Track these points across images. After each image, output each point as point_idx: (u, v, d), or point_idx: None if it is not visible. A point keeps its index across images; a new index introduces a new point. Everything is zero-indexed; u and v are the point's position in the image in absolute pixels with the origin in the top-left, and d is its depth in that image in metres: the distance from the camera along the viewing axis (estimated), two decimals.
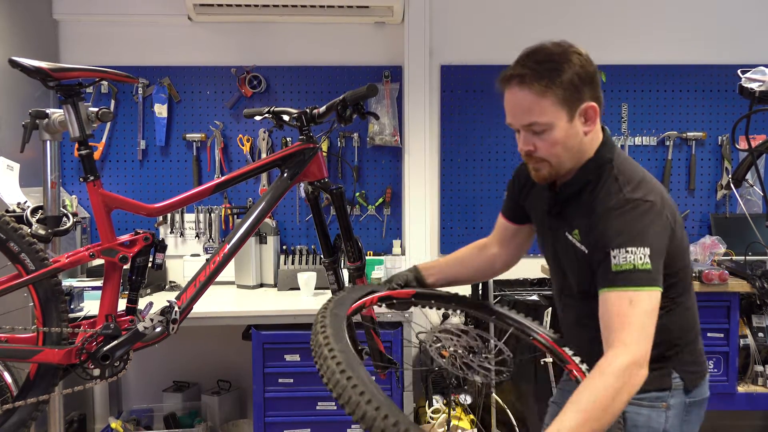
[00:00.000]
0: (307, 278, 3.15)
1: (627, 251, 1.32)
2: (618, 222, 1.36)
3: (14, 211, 1.76)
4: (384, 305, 1.57)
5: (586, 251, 1.43)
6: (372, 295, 1.49)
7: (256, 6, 3.35)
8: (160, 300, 1.75)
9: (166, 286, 3.43)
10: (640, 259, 1.31)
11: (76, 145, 1.67)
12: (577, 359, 1.51)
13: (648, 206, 1.36)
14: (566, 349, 1.54)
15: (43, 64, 1.57)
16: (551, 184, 1.54)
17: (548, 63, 1.37)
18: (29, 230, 1.67)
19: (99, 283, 1.73)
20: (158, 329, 1.68)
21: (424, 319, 2.13)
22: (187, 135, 3.57)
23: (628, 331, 1.27)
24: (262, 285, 3.45)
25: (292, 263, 3.43)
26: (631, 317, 1.28)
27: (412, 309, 1.70)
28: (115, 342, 1.65)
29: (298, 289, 3.20)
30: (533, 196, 1.64)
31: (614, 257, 1.33)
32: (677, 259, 1.44)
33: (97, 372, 1.66)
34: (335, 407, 2.85)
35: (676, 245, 1.42)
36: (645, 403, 1.47)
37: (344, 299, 1.37)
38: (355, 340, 1.90)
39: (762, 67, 1.83)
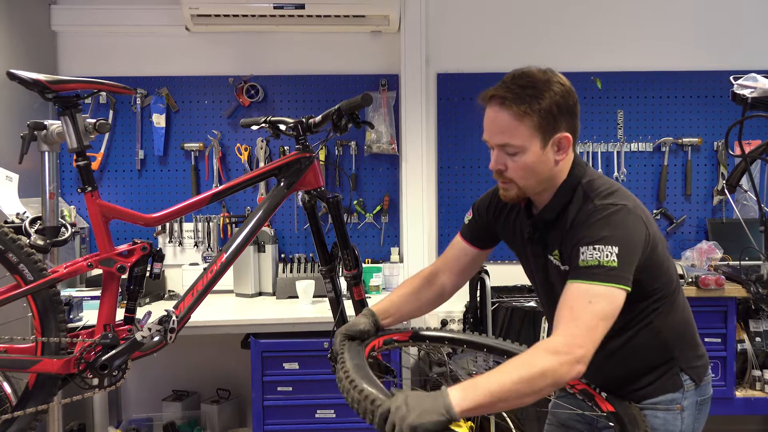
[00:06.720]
0: (305, 286, 3.16)
1: (594, 248, 1.32)
2: (587, 225, 1.37)
3: (13, 222, 1.77)
4: (387, 347, 1.63)
5: (567, 268, 1.42)
6: (371, 341, 1.55)
7: (253, 16, 3.37)
8: (158, 309, 1.76)
9: (165, 296, 3.44)
10: (607, 256, 1.30)
11: (74, 156, 1.68)
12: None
13: (618, 209, 1.37)
14: None
15: (41, 77, 1.59)
16: (529, 211, 1.55)
17: (530, 89, 1.40)
18: (28, 241, 1.68)
19: (98, 293, 1.74)
20: (156, 338, 1.69)
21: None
22: (186, 145, 3.58)
23: (576, 324, 1.25)
24: (260, 293, 3.46)
25: (291, 271, 3.44)
26: (584, 314, 1.26)
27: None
28: (113, 351, 1.66)
29: (297, 297, 3.20)
30: (511, 220, 1.63)
31: (582, 254, 1.33)
32: (658, 265, 1.44)
33: (95, 381, 1.67)
34: (334, 415, 2.86)
35: (653, 250, 1.41)
36: (660, 407, 1.48)
37: (354, 347, 1.41)
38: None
39: (753, 74, 1.84)
